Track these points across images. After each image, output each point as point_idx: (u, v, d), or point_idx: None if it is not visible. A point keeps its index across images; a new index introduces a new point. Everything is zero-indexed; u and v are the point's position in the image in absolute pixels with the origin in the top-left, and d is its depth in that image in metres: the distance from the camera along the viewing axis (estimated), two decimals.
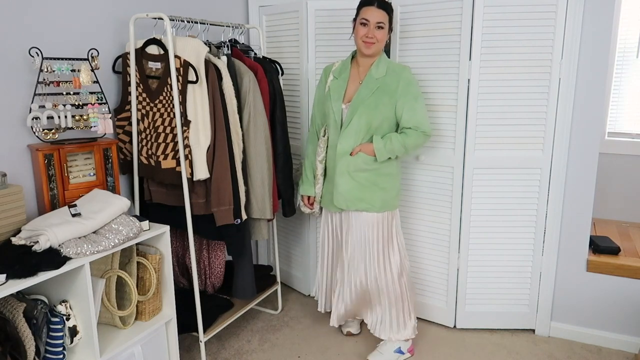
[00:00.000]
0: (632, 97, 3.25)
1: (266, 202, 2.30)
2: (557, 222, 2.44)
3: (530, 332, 2.62)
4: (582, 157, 2.36)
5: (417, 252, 2.66)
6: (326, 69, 2.33)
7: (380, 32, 2.13)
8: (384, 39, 2.16)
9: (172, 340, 2.10)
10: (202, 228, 2.22)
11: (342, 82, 2.23)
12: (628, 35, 3.18)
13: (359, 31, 2.15)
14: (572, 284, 2.50)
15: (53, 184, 1.84)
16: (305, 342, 2.55)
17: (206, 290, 2.54)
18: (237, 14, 2.89)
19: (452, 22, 2.34)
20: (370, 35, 2.11)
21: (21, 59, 1.80)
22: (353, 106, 2.16)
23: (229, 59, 2.19)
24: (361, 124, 2.16)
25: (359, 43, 2.16)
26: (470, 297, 2.58)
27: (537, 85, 2.32)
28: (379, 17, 2.11)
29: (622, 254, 2.48)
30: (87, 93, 1.96)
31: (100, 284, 1.77)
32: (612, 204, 3.31)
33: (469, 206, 2.46)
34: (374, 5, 2.12)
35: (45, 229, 1.58)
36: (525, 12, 2.24)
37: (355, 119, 2.15)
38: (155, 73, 2.08)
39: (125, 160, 2.24)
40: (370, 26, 2.11)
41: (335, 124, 2.21)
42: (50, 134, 1.86)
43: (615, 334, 2.46)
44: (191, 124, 2.04)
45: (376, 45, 2.14)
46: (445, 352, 2.45)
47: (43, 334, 1.60)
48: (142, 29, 2.20)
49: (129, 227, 1.79)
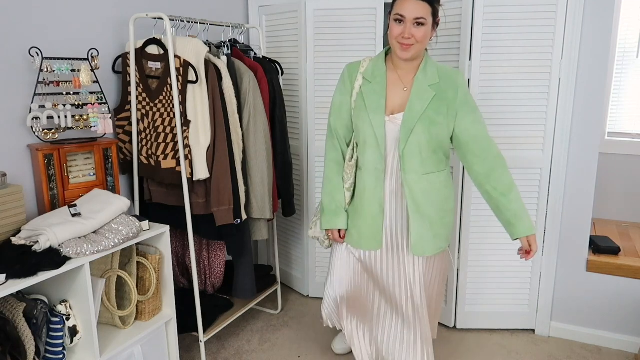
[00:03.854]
0: (632, 97, 3.24)
1: (266, 202, 2.30)
2: (557, 222, 2.44)
3: (530, 332, 2.62)
4: (582, 157, 2.36)
5: None
6: (350, 68, 1.85)
7: (421, 29, 1.65)
8: (426, 38, 1.69)
9: (172, 340, 2.10)
10: (202, 228, 2.22)
11: (379, 88, 1.76)
12: (628, 35, 3.18)
13: (393, 30, 1.68)
14: (572, 284, 2.50)
15: (53, 183, 1.84)
16: (305, 342, 2.55)
17: (206, 290, 2.54)
18: (237, 13, 2.89)
19: (452, 22, 2.33)
20: (407, 36, 1.65)
21: (21, 59, 1.80)
22: (408, 120, 1.71)
23: (229, 59, 2.19)
24: (423, 143, 1.72)
25: (394, 45, 1.71)
26: (470, 298, 2.58)
27: (537, 85, 2.32)
28: (418, 11, 1.63)
29: (622, 254, 2.48)
30: (87, 93, 1.96)
31: (100, 283, 1.77)
32: (612, 204, 3.30)
33: (469, 206, 2.46)
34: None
35: (45, 229, 1.58)
36: (525, 12, 2.24)
37: (413, 136, 1.71)
38: (155, 73, 2.08)
39: (125, 160, 2.24)
40: (407, 23, 1.65)
41: (376, 141, 1.75)
42: (50, 133, 1.86)
43: (615, 334, 2.46)
44: (191, 123, 2.04)
45: (416, 47, 1.68)
46: (445, 352, 2.45)
47: (43, 334, 1.60)
48: (142, 29, 2.20)
49: (129, 227, 1.79)
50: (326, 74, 2.64)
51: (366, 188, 1.81)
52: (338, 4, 2.57)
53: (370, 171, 1.80)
